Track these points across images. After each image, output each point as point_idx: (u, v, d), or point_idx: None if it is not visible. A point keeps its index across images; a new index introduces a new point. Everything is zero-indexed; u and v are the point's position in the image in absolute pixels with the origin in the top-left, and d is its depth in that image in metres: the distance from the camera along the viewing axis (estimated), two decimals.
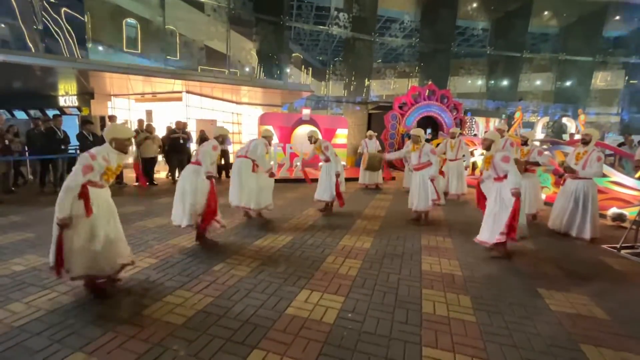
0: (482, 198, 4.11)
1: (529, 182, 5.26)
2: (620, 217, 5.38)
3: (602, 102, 20.03)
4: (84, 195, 2.48)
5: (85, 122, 7.43)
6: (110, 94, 10.31)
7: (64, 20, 11.63)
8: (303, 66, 21.87)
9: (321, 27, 17.47)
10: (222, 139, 4.25)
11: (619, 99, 19.85)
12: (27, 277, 2.93)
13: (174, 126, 8.25)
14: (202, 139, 9.32)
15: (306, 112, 12.06)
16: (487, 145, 3.91)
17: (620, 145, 9.38)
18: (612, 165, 6.91)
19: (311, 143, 5.54)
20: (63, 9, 11.66)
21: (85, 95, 10.22)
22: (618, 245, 4.13)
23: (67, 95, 10.58)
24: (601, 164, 4.46)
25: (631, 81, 19.44)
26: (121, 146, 2.70)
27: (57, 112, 9.73)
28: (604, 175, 6.09)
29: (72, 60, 8.22)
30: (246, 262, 3.41)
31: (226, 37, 14.69)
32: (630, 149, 8.96)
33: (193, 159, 4.00)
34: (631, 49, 19.12)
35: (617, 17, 18.57)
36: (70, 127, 9.34)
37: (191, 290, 2.77)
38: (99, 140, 7.39)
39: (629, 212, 5.28)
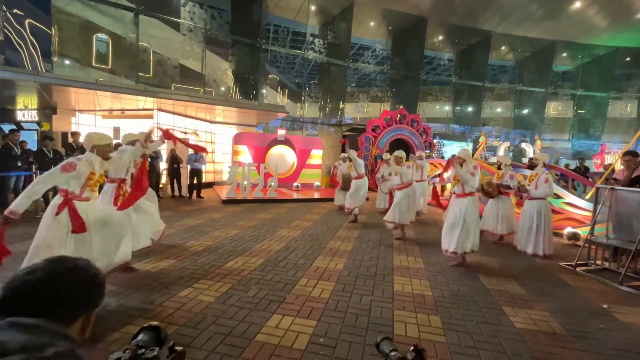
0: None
1: (502, 204, 5.54)
2: (574, 236, 5.77)
3: (555, 129, 22.08)
4: (70, 207, 2.61)
5: (45, 137, 7.02)
6: (75, 110, 9.84)
7: (29, 32, 11.19)
8: (279, 87, 22.22)
9: (297, 51, 17.99)
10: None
11: (570, 127, 21.85)
12: None
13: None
14: (173, 157, 9.09)
15: (281, 132, 12.16)
16: (460, 163, 4.16)
17: (575, 169, 10.24)
18: (566, 187, 7.45)
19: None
20: (28, 21, 11.23)
21: (47, 109, 9.70)
22: (573, 263, 4.41)
23: (26, 109, 9.99)
24: (549, 185, 4.81)
25: (579, 111, 21.56)
26: (102, 152, 2.88)
27: (14, 127, 9.13)
28: (559, 197, 6.57)
29: (34, 73, 7.80)
30: (215, 287, 3.27)
31: (202, 56, 14.70)
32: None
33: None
34: (577, 83, 21.37)
35: (564, 54, 20.80)
36: (29, 143, 8.77)
37: (154, 319, 2.60)
38: (60, 157, 6.99)
39: (582, 232, 5.68)
